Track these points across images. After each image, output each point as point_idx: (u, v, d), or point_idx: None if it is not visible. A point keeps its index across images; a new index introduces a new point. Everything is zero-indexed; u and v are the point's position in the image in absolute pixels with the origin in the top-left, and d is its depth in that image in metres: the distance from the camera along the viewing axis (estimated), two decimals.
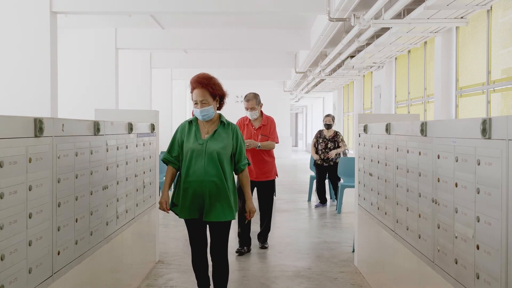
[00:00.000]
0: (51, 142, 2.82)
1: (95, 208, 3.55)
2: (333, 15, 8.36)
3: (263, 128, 6.25)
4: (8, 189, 2.35)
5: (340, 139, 9.62)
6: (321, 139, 9.66)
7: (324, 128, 9.80)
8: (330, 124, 9.65)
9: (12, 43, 8.77)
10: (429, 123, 3.23)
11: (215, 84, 3.99)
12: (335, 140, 9.60)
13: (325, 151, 9.57)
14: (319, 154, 9.63)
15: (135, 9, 9.20)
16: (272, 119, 6.37)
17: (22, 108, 8.49)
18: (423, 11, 7.10)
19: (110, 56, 12.40)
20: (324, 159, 9.58)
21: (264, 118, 6.31)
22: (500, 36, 7.30)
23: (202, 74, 3.97)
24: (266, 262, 5.72)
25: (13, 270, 2.40)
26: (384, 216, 4.32)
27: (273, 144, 6.23)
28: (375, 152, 4.65)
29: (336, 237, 7.07)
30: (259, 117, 6.30)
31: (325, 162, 9.59)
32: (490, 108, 7.56)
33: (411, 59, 11.56)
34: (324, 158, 9.58)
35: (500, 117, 2.30)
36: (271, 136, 6.23)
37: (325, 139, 9.64)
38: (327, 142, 9.60)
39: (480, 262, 2.48)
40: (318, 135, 9.77)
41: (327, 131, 9.71)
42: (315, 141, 9.80)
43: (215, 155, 3.89)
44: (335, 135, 9.65)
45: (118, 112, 6.12)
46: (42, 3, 8.69)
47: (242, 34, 13.06)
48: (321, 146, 9.62)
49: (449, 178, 2.86)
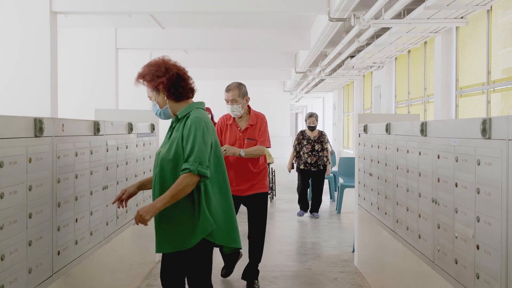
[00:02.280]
0: (51, 142, 2.82)
1: (95, 208, 3.55)
2: (333, 15, 8.36)
3: (250, 129, 4.81)
4: (8, 189, 2.35)
5: (326, 140, 8.72)
6: (305, 141, 8.60)
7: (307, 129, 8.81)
8: (314, 126, 8.65)
9: (12, 43, 8.77)
10: (429, 123, 3.23)
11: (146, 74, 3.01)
12: (321, 141, 8.61)
13: (313, 154, 8.55)
14: (305, 158, 8.56)
15: (135, 9, 9.20)
16: (262, 116, 4.91)
17: (22, 108, 8.50)
18: (423, 11, 7.10)
19: (110, 56, 12.41)
20: (312, 163, 8.55)
21: (252, 116, 4.84)
22: (500, 36, 7.29)
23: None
24: (266, 262, 5.71)
25: (13, 270, 2.40)
26: (384, 216, 4.32)
27: (262, 150, 4.78)
28: (375, 152, 4.65)
29: (336, 237, 7.07)
30: (245, 114, 4.85)
31: (312, 167, 8.57)
32: (490, 108, 7.56)
33: (411, 59, 11.56)
34: (311, 162, 8.54)
35: (500, 117, 2.30)
36: (260, 138, 4.79)
37: (310, 140, 8.59)
38: (313, 143, 8.56)
39: (480, 262, 2.48)
40: (301, 136, 8.68)
41: (311, 132, 8.70)
42: (296, 144, 8.72)
43: (162, 165, 2.97)
44: (320, 135, 8.66)
45: (118, 112, 6.12)
46: (42, 3, 8.70)
47: (242, 34, 13.07)
48: (306, 148, 8.55)
49: (449, 178, 2.86)
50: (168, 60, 3.06)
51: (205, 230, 2.89)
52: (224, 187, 3.01)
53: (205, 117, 2.99)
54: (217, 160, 3.00)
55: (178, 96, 3.02)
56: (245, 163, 4.73)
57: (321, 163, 8.54)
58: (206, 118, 2.99)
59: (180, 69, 3.06)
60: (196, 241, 2.90)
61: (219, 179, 2.99)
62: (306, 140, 8.59)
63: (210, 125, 3.00)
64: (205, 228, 2.89)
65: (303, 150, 8.56)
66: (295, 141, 8.72)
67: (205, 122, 2.94)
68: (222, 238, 2.96)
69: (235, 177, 4.74)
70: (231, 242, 3.00)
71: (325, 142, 8.61)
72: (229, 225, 2.99)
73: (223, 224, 2.97)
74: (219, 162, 3.01)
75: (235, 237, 3.02)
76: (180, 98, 3.03)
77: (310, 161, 8.53)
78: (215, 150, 2.99)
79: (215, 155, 2.99)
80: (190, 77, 3.11)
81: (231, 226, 3.01)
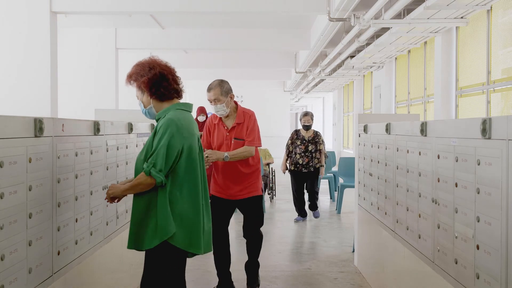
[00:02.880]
0: (51, 142, 2.82)
1: (95, 208, 3.55)
2: (333, 15, 8.37)
3: (237, 128, 4.48)
4: (8, 189, 2.35)
5: (321, 140, 8.24)
6: (299, 141, 8.13)
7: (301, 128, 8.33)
8: (309, 126, 8.16)
9: (12, 43, 8.77)
10: (429, 123, 3.23)
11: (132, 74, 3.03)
12: (316, 141, 8.14)
13: (306, 155, 8.07)
14: (297, 158, 8.09)
15: (135, 9, 9.21)
16: (251, 113, 4.54)
17: (22, 108, 8.50)
18: (423, 11, 7.10)
19: (110, 56, 12.41)
20: (303, 164, 8.07)
21: (239, 114, 4.49)
22: (500, 36, 7.30)
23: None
24: (266, 262, 5.71)
25: (13, 270, 2.40)
26: (384, 216, 4.32)
27: (250, 151, 4.42)
28: (375, 152, 4.65)
29: (336, 237, 7.07)
30: (232, 112, 4.51)
31: (304, 168, 8.09)
32: (490, 108, 7.56)
33: (411, 59, 11.56)
34: (303, 163, 8.06)
35: (500, 117, 2.31)
36: (248, 138, 4.45)
37: (304, 140, 8.12)
38: (306, 144, 8.10)
39: (480, 262, 2.48)
40: (295, 136, 8.22)
41: (305, 131, 8.21)
42: (289, 144, 8.24)
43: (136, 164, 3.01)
44: (315, 135, 8.20)
45: (118, 112, 6.12)
46: (42, 3, 8.70)
47: (242, 34, 13.07)
48: (299, 149, 8.09)
49: (449, 178, 2.86)
50: (154, 60, 3.03)
51: (165, 233, 2.84)
52: (194, 192, 2.93)
53: (180, 119, 2.90)
54: (190, 164, 2.91)
55: (161, 96, 2.98)
56: (234, 164, 4.45)
57: (312, 164, 8.08)
58: (182, 120, 2.90)
59: (165, 68, 3.02)
60: (155, 243, 2.86)
61: (189, 183, 2.91)
62: (300, 140, 8.14)
63: (185, 127, 2.91)
64: (166, 231, 2.84)
65: (296, 151, 8.12)
66: (289, 140, 8.28)
67: (177, 125, 2.86)
68: (182, 242, 2.88)
69: (224, 181, 4.50)
70: (191, 248, 2.91)
71: (320, 143, 8.16)
72: (192, 230, 2.91)
73: (186, 229, 2.89)
74: (191, 166, 2.92)
75: (197, 243, 2.93)
76: (163, 98, 2.99)
77: (301, 162, 8.07)
78: (189, 153, 2.91)
79: (189, 159, 2.91)
80: (177, 78, 3.06)
81: (195, 231, 2.92)
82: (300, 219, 8.26)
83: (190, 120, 3.00)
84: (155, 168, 2.80)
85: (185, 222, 2.89)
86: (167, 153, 2.81)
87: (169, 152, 2.81)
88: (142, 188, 2.85)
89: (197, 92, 21.86)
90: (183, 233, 2.88)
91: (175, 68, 3.15)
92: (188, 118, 2.98)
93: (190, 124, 2.97)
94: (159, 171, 2.80)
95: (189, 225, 2.90)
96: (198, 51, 16.09)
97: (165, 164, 2.81)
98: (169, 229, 2.84)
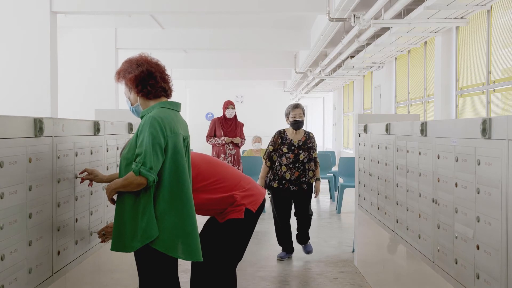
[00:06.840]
0: (51, 142, 2.82)
1: (95, 208, 3.55)
2: (333, 15, 8.36)
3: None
4: (8, 189, 2.35)
5: (316, 146, 5.92)
6: (286, 147, 5.68)
7: (289, 128, 5.85)
8: (301, 122, 5.80)
9: (12, 43, 8.77)
10: (429, 123, 3.23)
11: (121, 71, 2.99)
12: (309, 147, 5.76)
13: (295, 166, 5.66)
14: (283, 172, 5.65)
15: (135, 9, 9.20)
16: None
17: (22, 108, 8.50)
18: (423, 11, 7.10)
19: (110, 56, 12.40)
20: (292, 180, 5.66)
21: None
22: (500, 36, 7.30)
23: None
24: (266, 262, 5.71)
25: (13, 270, 2.40)
26: (384, 216, 4.32)
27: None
28: (375, 152, 4.65)
29: (336, 237, 7.07)
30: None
31: (293, 185, 5.68)
32: (490, 108, 7.56)
33: (411, 59, 11.56)
34: (291, 178, 5.65)
35: (500, 117, 2.31)
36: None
37: (292, 146, 5.69)
38: (296, 151, 5.68)
39: (480, 262, 2.48)
40: (279, 139, 5.75)
41: (294, 132, 5.78)
42: (271, 151, 5.77)
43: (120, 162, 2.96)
44: (308, 138, 5.80)
45: (118, 112, 6.12)
46: (42, 3, 8.70)
47: (242, 34, 13.07)
48: (286, 158, 5.65)
49: (449, 178, 2.86)
50: (143, 57, 2.97)
51: (147, 236, 2.77)
52: (177, 194, 2.83)
53: (162, 117, 2.81)
54: (174, 164, 2.81)
55: (147, 94, 2.92)
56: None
57: (305, 179, 5.71)
58: (164, 119, 2.81)
59: (153, 66, 2.95)
60: (137, 245, 2.79)
61: (172, 184, 2.80)
62: (287, 146, 5.70)
63: (168, 126, 2.80)
64: (148, 235, 2.76)
65: (281, 161, 5.68)
66: (270, 146, 5.79)
67: (159, 123, 2.77)
68: (163, 245, 2.80)
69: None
70: (171, 251, 2.82)
71: (314, 149, 5.85)
72: (173, 234, 2.81)
73: (167, 232, 2.80)
74: (176, 167, 2.82)
75: (176, 247, 2.83)
76: (149, 96, 2.92)
77: (289, 177, 5.65)
78: (173, 153, 2.81)
79: (172, 159, 2.81)
80: (166, 76, 3.01)
81: (176, 235, 2.82)
82: (285, 256, 5.89)
83: (174, 118, 2.90)
84: (145, 167, 2.70)
85: (166, 225, 2.79)
86: (153, 150, 2.72)
87: (156, 149, 2.73)
88: (132, 187, 2.74)
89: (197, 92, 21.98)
90: (165, 237, 2.79)
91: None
92: (172, 116, 2.88)
93: (174, 123, 2.87)
94: (149, 169, 2.70)
95: (171, 228, 2.81)
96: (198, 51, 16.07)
97: (155, 161, 2.72)
98: (152, 233, 2.77)
